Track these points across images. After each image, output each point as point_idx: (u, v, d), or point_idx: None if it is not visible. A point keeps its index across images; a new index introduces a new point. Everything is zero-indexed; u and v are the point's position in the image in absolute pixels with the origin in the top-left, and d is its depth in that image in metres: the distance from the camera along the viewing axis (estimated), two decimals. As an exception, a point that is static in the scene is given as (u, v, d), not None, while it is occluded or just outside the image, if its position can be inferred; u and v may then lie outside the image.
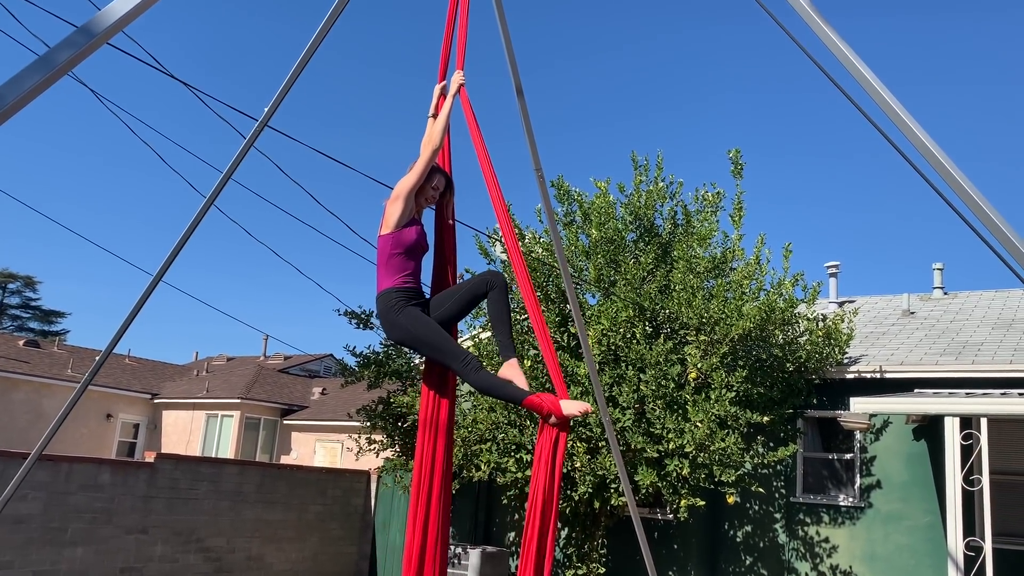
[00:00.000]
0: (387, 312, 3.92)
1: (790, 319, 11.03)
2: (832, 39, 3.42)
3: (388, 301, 3.93)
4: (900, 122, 3.32)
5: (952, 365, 11.10)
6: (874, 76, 3.37)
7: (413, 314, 3.90)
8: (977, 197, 3.20)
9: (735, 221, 11.07)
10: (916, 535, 11.16)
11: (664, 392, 9.84)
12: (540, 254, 11.18)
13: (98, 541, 10.48)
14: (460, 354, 3.86)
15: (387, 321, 3.93)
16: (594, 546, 11.34)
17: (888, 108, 3.34)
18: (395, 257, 3.99)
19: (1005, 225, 3.17)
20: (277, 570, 12.93)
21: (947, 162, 3.25)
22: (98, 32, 2.19)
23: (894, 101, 3.32)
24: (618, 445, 9.01)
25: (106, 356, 4.68)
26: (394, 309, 3.89)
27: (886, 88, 3.35)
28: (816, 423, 12.30)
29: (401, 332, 3.90)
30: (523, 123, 5.04)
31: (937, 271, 15.80)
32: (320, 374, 31.58)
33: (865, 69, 3.38)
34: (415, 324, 3.87)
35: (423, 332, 3.87)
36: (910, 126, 3.30)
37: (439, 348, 3.87)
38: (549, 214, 5.55)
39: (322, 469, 15.24)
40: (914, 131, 3.30)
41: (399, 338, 3.96)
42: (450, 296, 4.08)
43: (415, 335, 3.88)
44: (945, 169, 3.25)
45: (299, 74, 4.33)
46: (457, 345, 3.95)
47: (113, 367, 27.79)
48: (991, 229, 3.19)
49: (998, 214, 3.18)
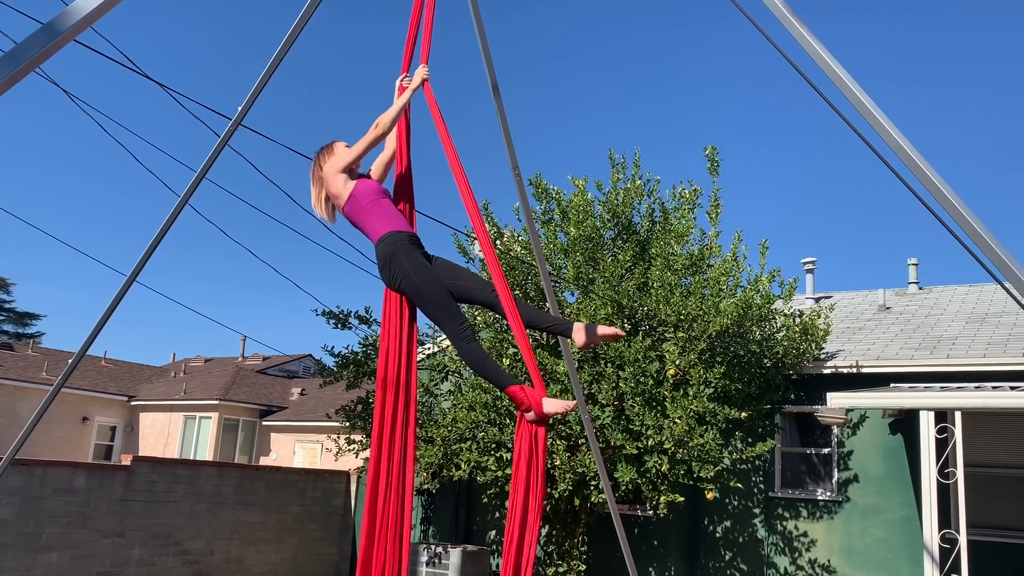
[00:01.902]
0: (391, 256, 3.70)
1: (767, 315, 11.10)
2: (806, 38, 3.44)
3: (392, 244, 3.72)
4: (872, 119, 3.35)
5: (927, 359, 11.22)
6: (847, 74, 3.40)
7: (420, 262, 3.70)
8: (949, 194, 3.23)
9: (712, 218, 11.12)
10: (893, 528, 11.27)
11: (643, 389, 9.88)
12: (519, 252, 11.18)
13: (73, 546, 10.37)
14: (459, 318, 3.65)
15: (389, 265, 3.70)
16: (575, 543, 11.36)
17: (861, 105, 3.37)
18: (372, 209, 3.83)
19: (976, 221, 3.20)
20: (256, 572, 12.86)
21: (919, 159, 3.28)
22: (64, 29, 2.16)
23: (867, 98, 3.35)
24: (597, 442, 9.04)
25: (80, 358, 4.62)
26: (400, 252, 3.69)
27: (859, 86, 3.37)
28: (794, 418, 12.39)
29: (404, 278, 3.66)
30: (499, 121, 5.04)
31: (912, 266, 15.96)
32: (299, 375, 31.41)
33: (839, 67, 3.41)
34: (421, 273, 3.66)
35: (427, 283, 3.65)
36: (882, 123, 3.33)
37: (440, 305, 3.65)
38: (527, 212, 5.55)
39: (301, 470, 15.16)
40: (886, 128, 3.33)
41: (401, 284, 3.70)
42: (455, 273, 3.83)
43: (418, 285, 3.65)
44: (917, 166, 3.28)
45: (272, 72, 4.30)
46: (458, 307, 3.72)
47: (89, 369, 27.50)
48: (962, 225, 3.22)
49: (969, 210, 3.21)
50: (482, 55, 4.82)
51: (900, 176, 3.88)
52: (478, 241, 4.13)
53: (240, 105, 4.48)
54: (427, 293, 3.66)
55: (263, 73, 4.35)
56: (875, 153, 3.84)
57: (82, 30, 2.28)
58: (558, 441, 10.00)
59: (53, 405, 4.47)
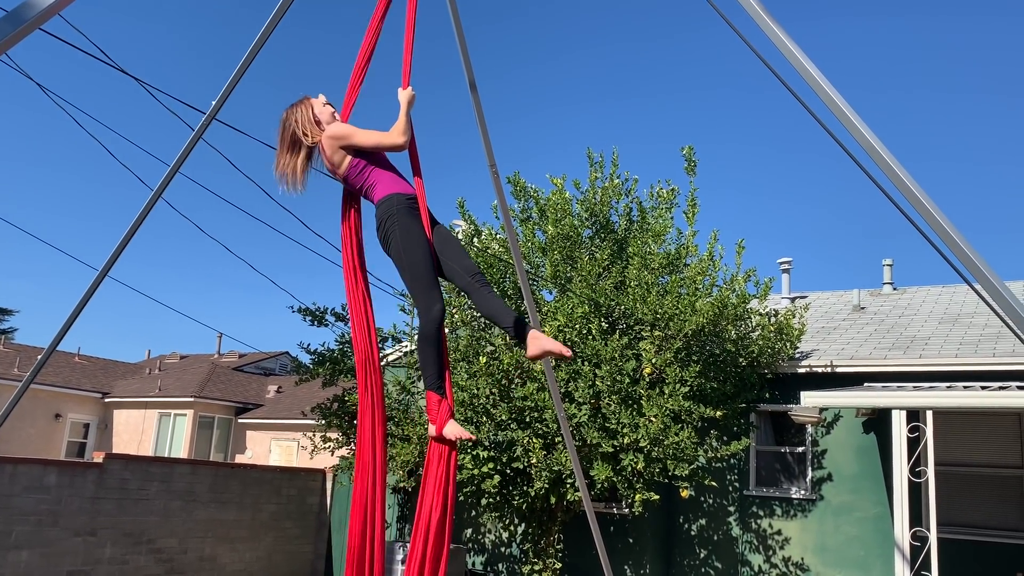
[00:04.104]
0: (385, 220, 3.63)
1: (742, 315, 11.17)
2: (782, 40, 3.46)
3: (388, 208, 3.64)
4: (846, 120, 3.37)
5: (900, 359, 11.33)
6: (821, 75, 3.41)
7: (410, 232, 3.61)
8: (921, 196, 3.26)
9: (689, 218, 11.18)
10: (865, 526, 11.38)
11: (619, 387, 9.90)
12: (496, 250, 11.18)
13: (44, 544, 10.24)
14: (430, 299, 3.56)
15: (383, 228, 3.64)
16: (550, 541, 11.38)
17: (835, 107, 3.39)
18: (373, 172, 3.72)
19: (947, 223, 3.23)
20: (231, 570, 12.76)
21: (892, 161, 3.30)
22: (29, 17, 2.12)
23: (841, 100, 3.37)
24: (573, 441, 9.06)
25: (49, 354, 4.56)
26: (394, 218, 3.61)
27: (833, 87, 3.40)
28: (769, 417, 12.48)
29: (392, 245, 3.61)
30: (477, 118, 5.02)
31: (887, 267, 16.12)
32: (275, 372, 31.20)
33: (813, 68, 3.43)
34: (408, 246, 3.59)
35: (410, 256, 3.59)
36: (856, 124, 3.35)
37: (416, 280, 3.59)
38: (504, 209, 5.54)
39: (277, 468, 15.07)
40: (860, 130, 3.35)
41: (389, 249, 3.67)
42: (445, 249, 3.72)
43: (402, 256, 3.60)
44: (890, 168, 3.30)
45: (247, 67, 4.26)
46: (434, 287, 3.61)
47: (62, 365, 27.18)
48: (933, 227, 3.25)
49: (941, 212, 3.24)
50: (459, 52, 4.80)
51: (873, 178, 3.91)
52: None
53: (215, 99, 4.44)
54: (408, 266, 3.60)
55: (237, 67, 4.31)
56: (848, 154, 3.87)
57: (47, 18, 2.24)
58: (535, 439, 10.01)
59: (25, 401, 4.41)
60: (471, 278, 3.63)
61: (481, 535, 13.44)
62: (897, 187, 3.33)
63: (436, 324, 3.56)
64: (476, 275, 3.66)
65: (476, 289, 3.63)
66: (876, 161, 3.35)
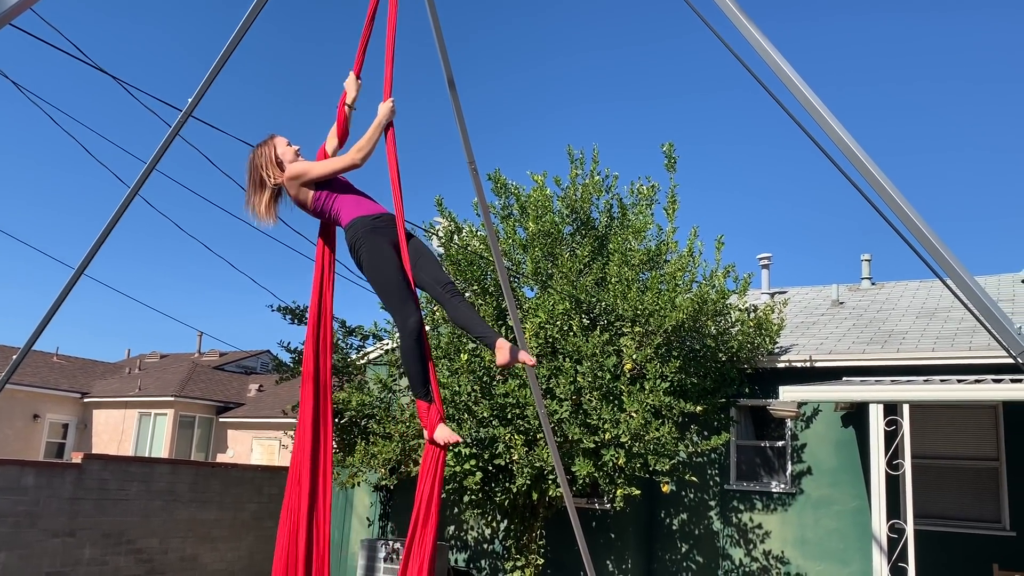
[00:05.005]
0: (353, 244, 3.80)
1: (722, 310, 11.23)
2: (756, 37, 3.49)
3: (355, 232, 3.80)
4: (820, 118, 3.41)
5: (878, 354, 11.44)
6: (795, 72, 3.45)
7: (377, 254, 3.75)
8: (894, 193, 3.30)
9: (669, 214, 11.22)
10: (844, 519, 11.49)
11: (600, 383, 9.93)
12: (477, 247, 11.18)
13: (22, 545, 10.16)
14: (406, 312, 3.73)
15: (354, 253, 3.82)
16: (532, 537, 11.41)
17: (808, 104, 3.42)
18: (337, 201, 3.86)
19: (919, 219, 3.28)
20: (212, 570, 12.71)
21: (864, 158, 3.34)
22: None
23: (813, 96, 3.41)
24: (554, 437, 9.07)
25: (24, 353, 4.52)
26: (360, 241, 3.77)
27: (807, 84, 3.43)
28: (749, 412, 12.56)
29: (364, 267, 3.79)
30: (456, 116, 5.02)
31: (865, 262, 16.26)
32: (257, 371, 31.06)
33: (787, 66, 3.46)
34: (375, 266, 3.76)
35: (379, 275, 3.76)
36: (829, 122, 3.39)
37: (388, 297, 3.78)
38: (484, 207, 5.55)
39: (258, 467, 15.01)
40: (833, 127, 3.39)
41: (363, 271, 3.84)
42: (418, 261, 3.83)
43: (373, 276, 3.79)
44: (863, 165, 3.34)
45: (223, 65, 4.25)
46: (409, 300, 3.76)
47: (40, 365, 26.93)
48: (906, 223, 3.29)
49: (913, 209, 3.28)
50: (438, 49, 4.81)
51: (847, 175, 3.94)
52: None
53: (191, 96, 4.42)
54: (379, 285, 3.78)
55: (214, 64, 4.30)
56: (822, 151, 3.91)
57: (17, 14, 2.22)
58: (516, 436, 10.02)
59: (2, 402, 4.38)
60: (442, 289, 3.77)
61: (464, 532, 13.45)
62: (870, 184, 3.37)
63: (414, 336, 3.71)
64: (447, 285, 3.79)
65: (447, 300, 3.77)
66: (849, 158, 3.39)
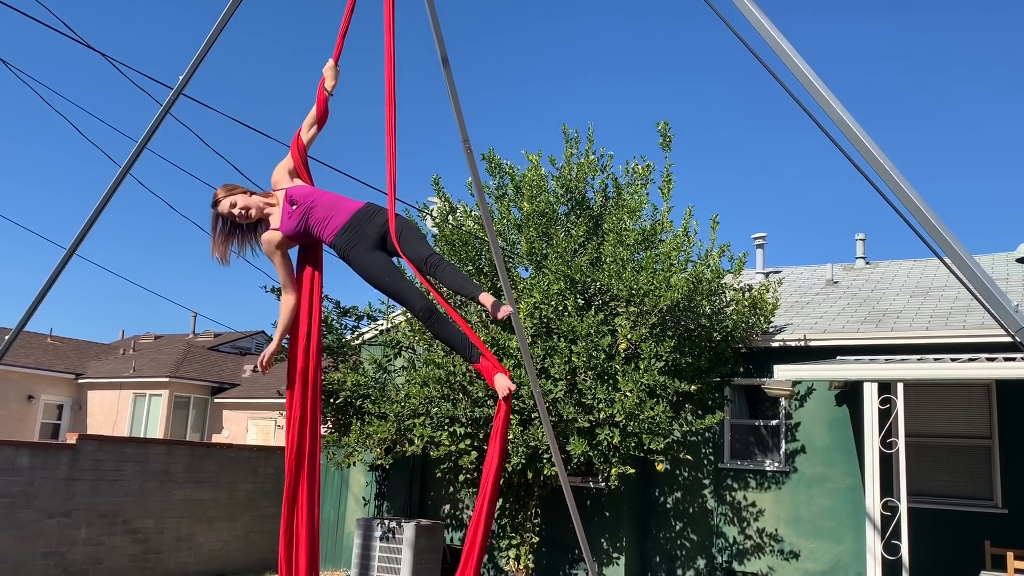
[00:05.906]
0: (344, 259, 4.06)
1: (717, 290, 11.23)
2: (754, 13, 3.45)
3: (338, 251, 4.07)
4: (818, 95, 3.38)
5: (873, 332, 11.46)
6: (793, 49, 3.41)
7: (365, 259, 3.99)
8: (891, 170, 3.27)
9: (664, 194, 11.19)
10: (838, 497, 11.55)
11: (595, 363, 9.94)
12: (472, 227, 11.14)
13: (17, 526, 10.16)
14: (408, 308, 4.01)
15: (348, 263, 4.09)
16: (528, 516, 11.46)
17: (806, 81, 3.39)
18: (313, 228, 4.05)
19: (917, 196, 3.26)
20: (208, 549, 12.75)
21: (863, 135, 3.31)
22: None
23: (811, 73, 3.37)
24: (549, 416, 9.09)
25: (15, 335, 4.49)
26: (346, 257, 4.03)
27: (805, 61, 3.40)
28: (743, 391, 12.59)
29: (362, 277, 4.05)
30: (449, 93, 4.97)
31: (860, 241, 16.25)
32: (252, 351, 31.05)
33: (785, 42, 3.42)
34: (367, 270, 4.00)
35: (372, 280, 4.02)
36: (827, 99, 3.36)
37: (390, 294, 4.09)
38: (478, 186, 5.52)
39: (253, 447, 15.03)
40: (831, 104, 3.36)
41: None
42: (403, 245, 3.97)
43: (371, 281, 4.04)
44: (861, 142, 3.32)
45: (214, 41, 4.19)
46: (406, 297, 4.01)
47: (34, 346, 26.89)
48: (903, 200, 3.27)
49: (911, 186, 3.26)
50: (431, 26, 4.75)
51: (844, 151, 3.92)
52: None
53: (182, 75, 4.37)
54: (377, 286, 4.08)
55: (205, 41, 4.24)
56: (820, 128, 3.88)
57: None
58: (511, 415, 10.04)
59: (-9, 383, 4.36)
60: (425, 263, 3.88)
61: (459, 511, 13.50)
62: (868, 161, 3.34)
63: (426, 319, 3.95)
64: (430, 257, 3.89)
65: (434, 272, 3.88)
66: (847, 135, 3.36)
